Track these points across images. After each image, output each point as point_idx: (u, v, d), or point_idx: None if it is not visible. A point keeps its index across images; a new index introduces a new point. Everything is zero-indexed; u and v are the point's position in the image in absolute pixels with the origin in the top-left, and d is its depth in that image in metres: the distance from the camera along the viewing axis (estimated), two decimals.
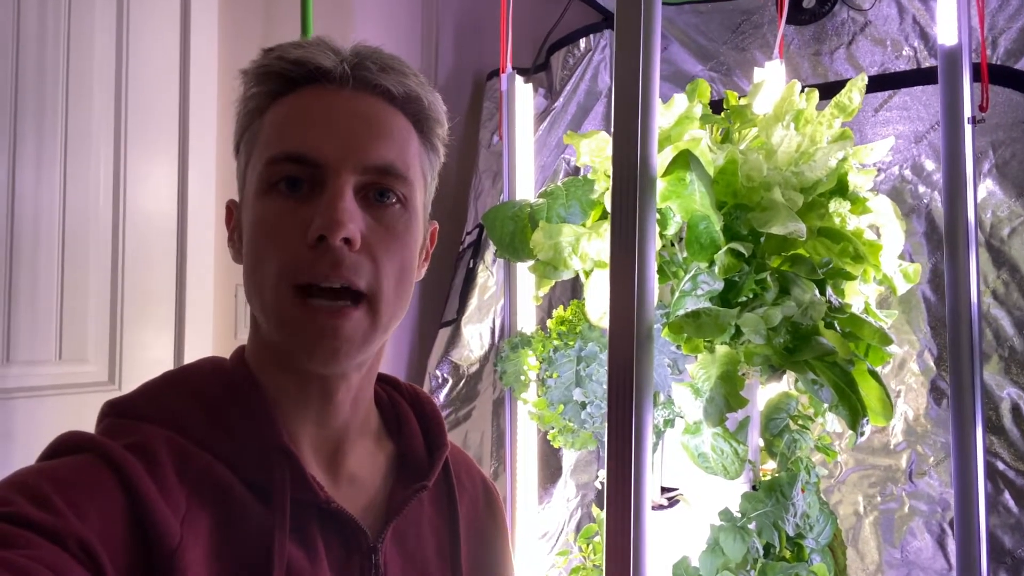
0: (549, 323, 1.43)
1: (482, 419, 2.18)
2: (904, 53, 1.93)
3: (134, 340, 1.53)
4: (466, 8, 2.40)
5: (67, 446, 0.61)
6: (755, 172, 1.19)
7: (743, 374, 1.19)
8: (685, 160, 1.13)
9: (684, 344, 1.20)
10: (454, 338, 2.19)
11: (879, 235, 1.34)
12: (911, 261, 1.66)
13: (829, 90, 1.39)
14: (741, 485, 1.28)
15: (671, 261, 1.24)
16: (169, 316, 1.60)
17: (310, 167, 0.65)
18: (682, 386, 1.19)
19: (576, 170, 2.14)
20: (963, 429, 1.18)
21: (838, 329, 1.21)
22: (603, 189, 1.35)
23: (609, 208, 1.06)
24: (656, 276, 1.06)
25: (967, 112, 1.20)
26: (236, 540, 0.62)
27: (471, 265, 2.21)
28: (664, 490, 1.35)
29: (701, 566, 1.21)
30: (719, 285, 1.14)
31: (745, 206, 1.20)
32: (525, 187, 1.67)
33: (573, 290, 2.13)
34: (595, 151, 1.34)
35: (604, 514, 1.02)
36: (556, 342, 1.38)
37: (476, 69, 2.38)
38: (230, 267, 1.70)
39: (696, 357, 1.21)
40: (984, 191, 1.76)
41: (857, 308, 1.30)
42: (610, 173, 1.04)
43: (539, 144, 2.16)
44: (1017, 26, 1.78)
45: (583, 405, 1.32)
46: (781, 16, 1.67)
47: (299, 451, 0.68)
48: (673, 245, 1.26)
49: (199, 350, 1.62)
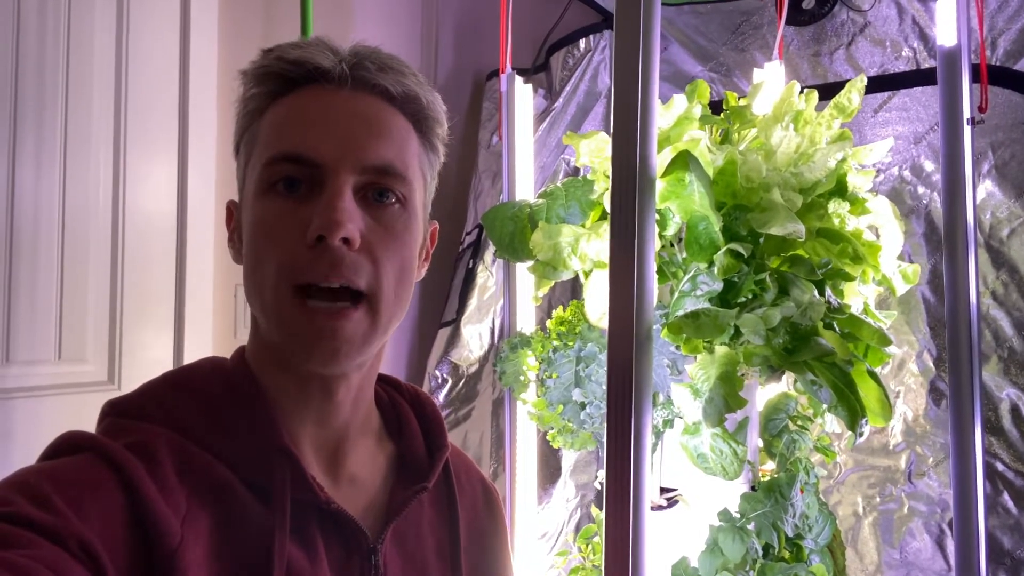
0: (548, 323, 1.43)
1: (481, 419, 2.18)
2: (903, 54, 1.93)
3: (133, 340, 1.53)
4: (466, 8, 2.40)
5: (68, 446, 0.61)
6: (754, 173, 1.19)
7: (742, 375, 1.19)
8: (684, 161, 1.13)
9: (683, 344, 1.20)
10: (453, 338, 2.19)
11: (878, 236, 1.34)
12: (910, 262, 1.66)
13: (828, 91, 1.39)
14: (740, 485, 1.28)
15: (670, 262, 1.24)
16: (168, 316, 1.60)
17: (309, 167, 0.65)
18: (681, 386, 1.19)
19: (576, 170, 2.14)
20: (962, 430, 1.18)
21: (837, 330, 1.21)
22: (602, 190, 1.35)
23: (608, 208, 1.06)
24: (655, 277, 1.06)
25: (966, 113, 1.20)
26: (236, 540, 0.62)
27: (471, 265, 2.21)
28: (663, 490, 1.35)
29: (700, 566, 1.21)
30: (718, 286, 1.14)
31: (744, 207, 1.20)
32: (525, 187, 1.67)
33: (572, 290, 2.13)
34: (594, 152, 1.34)
35: (603, 514, 1.02)
36: (555, 342, 1.38)
37: (476, 69, 2.38)
38: (229, 267, 1.70)
39: (695, 358, 1.22)
40: (983, 192, 1.77)
41: (856, 309, 1.30)
42: (609, 174, 1.05)
43: (539, 144, 2.16)
44: (1016, 27, 1.78)
45: (582, 405, 1.32)
46: (780, 17, 1.67)
47: (299, 451, 0.68)
48: (672, 246, 1.26)
49: (198, 350, 1.62)
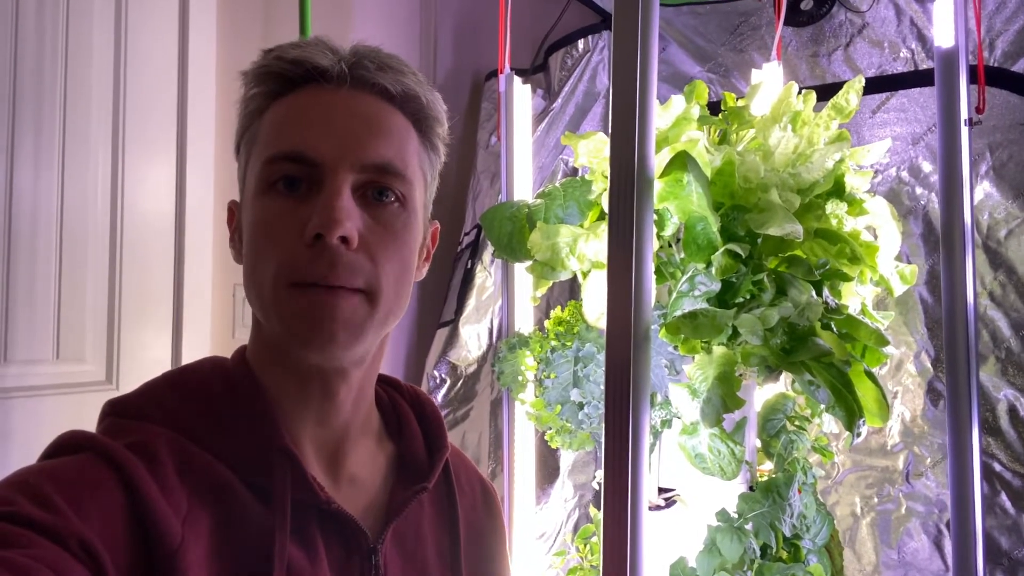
0: (547, 324, 1.43)
1: (480, 419, 2.18)
2: (902, 55, 1.93)
3: (132, 340, 1.54)
4: (465, 9, 2.40)
5: (68, 445, 0.61)
6: (752, 173, 1.19)
7: (740, 375, 1.19)
8: (682, 161, 1.13)
9: (681, 345, 1.20)
10: (452, 339, 2.19)
11: (876, 236, 1.34)
12: (908, 262, 1.66)
13: (827, 92, 1.39)
14: (738, 486, 1.28)
15: (668, 262, 1.24)
16: (167, 316, 1.60)
17: (308, 166, 0.65)
18: (679, 387, 1.19)
19: (574, 171, 2.14)
20: (959, 430, 1.19)
21: (835, 330, 1.21)
22: (601, 190, 1.35)
23: (607, 209, 1.06)
24: (653, 277, 1.06)
25: (964, 114, 1.20)
26: (237, 540, 0.62)
27: (469, 266, 2.21)
28: (661, 491, 1.35)
29: (698, 567, 1.21)
30: (716, 286, 1.15)
31: (742, 207, 1.20)
32: (523, 188, 1.67)
33: (571, 291, 2.13)
34: (593, 152, 1.34)
35: (601, 514, 1.02)
36: (554, 342, 1.38)
37: (474, 70, 2.38)
38: (228, 267, 1.70)
39: (693, 358, 1.22)
40: (981, 193, 1.77)
41: (854, 309, 1.30)
42: (608, 174, 1.05)
43: (537, 145, 2.16)
44: (1014, 28, 1.78)
45: (580, 405, 1.32)
46: (779, 18, 1.67)
47: (300, 451, 0.68)
48: (670, 246, 1.26)
49: (197, 350, 1.62)
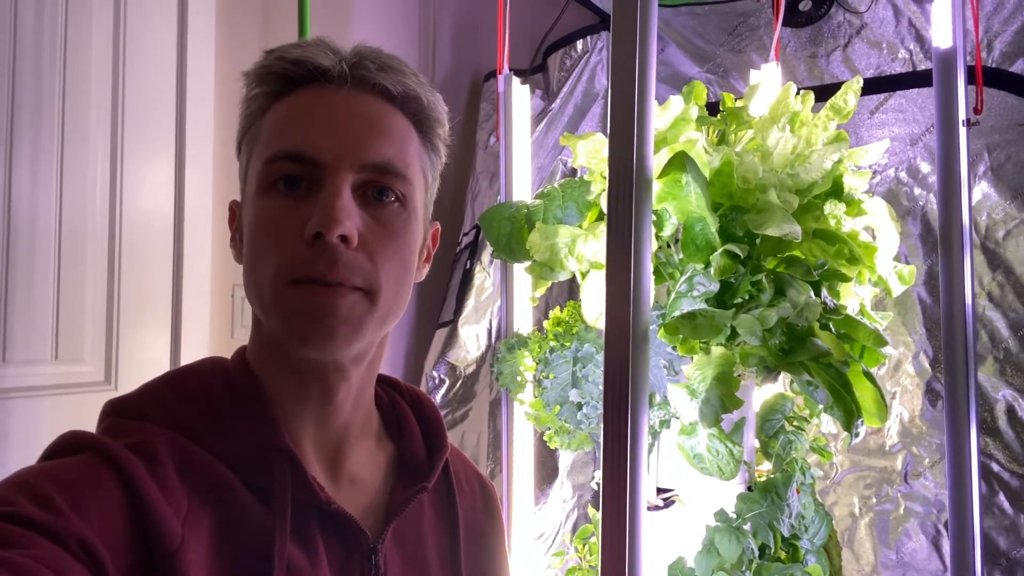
0: (546, 324, 1.43)
1: (479, 420, 2.18)
2: (900, 56, 1.93)
3: (130, 340, 1.54)
4: (463, 9, 2.40)
5: (68, 446, 0.61)
6: (751, 174, 1.20)
7: (738, 375, 1.19)
8: (681, 162, 1.13)
9: (680, 345, 1.20)
10: (451, 339, 2.19)
11: (874, 237, 1.35)
12: (907, 263, 1.66)
13: (825, 92, 1.39)
14: (736, 486, 1.28)
15: (667, 262, 1.24)
16: (166, 316, 1.60)
17: (308, 165, 0.65)
18: (678, 387, 1.19)
19: (573, 171, 2.14)
20: (957, 431, 1.19)
21: (833, 330, 1.21)
22: (599, 190, 1.35)
23: (605, 209, 1.06)
24: (652, 277, 1.06)
25: (962, 114, 1.20)
26: (237, 540, 0.62)
27: (468, 266, 2.21)
28: (660, 491, 1.35)
29: (696, 567, 1.21)
30: (715, 286, 1.15)
31: (741, 208, 1.20)
32: (522, 188, 1.67)
33: (570, 291, 2.13)
34: (591, 152, 1.34)
35: (600, 515, 1.02)
36: (552, 343, 1.38)
37: (473, 70, 2.38)
38: (227, 268, 1.70)
39: (692, 358, 1.22)
40: (979, 193, 1.77)
41: (852, 310, 1.30)
42: (606, 174, 1.05)
43: (536, 145, 2.16)
44: (1012, 29, 1.78)
45: (579, 406, 1.32)
46: (777, 18, 1.67)
47: (300, 451, 0.68)
48: (669, 246, 1.26)
49: (195, 350, 1.62)
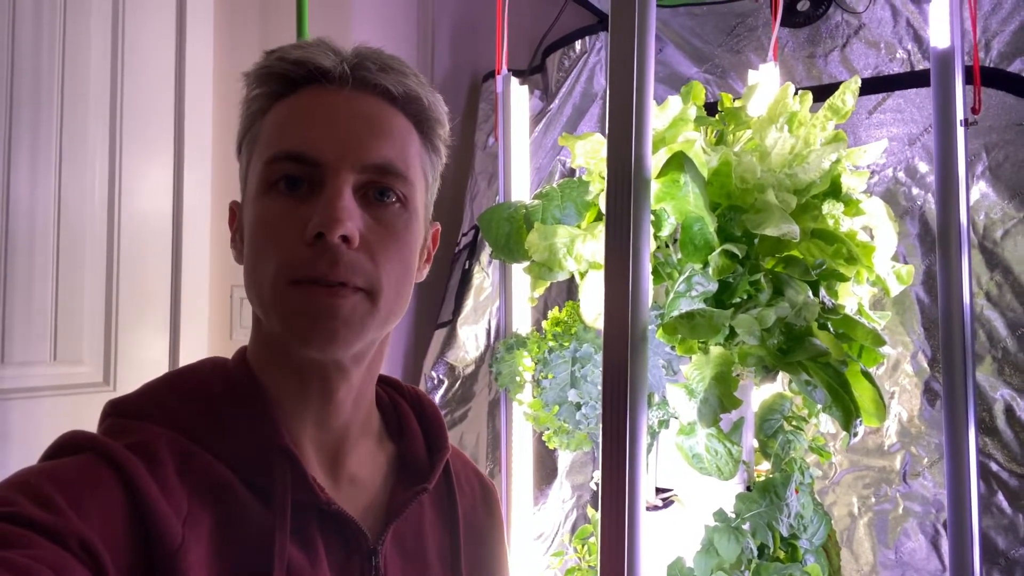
0: (544, 324, 1.43)
1: (478, 420, 2.18)
2: (898, 56, 1.94)
3: (129, 341, 1.53)
4: (462, 10, 2.40)
5: (69, 446, 0.61)
6: (749, 174, 1.20)
7: (737, 375, 1.19)
8: (679, 162, 1.13)
9: (678, 345, 1.20)
10: (450, 339, 2.19)
11: (872, 237, 1.35)
12: (905, 263, 1.66)
13: (823, 92, 1.39)
14: (735, 486, 1.28)
15: (665, 262, 1.24)
16: (164, 317, 1.60)
17: (309, 166, 0.65)
18: (676, 387, 1.19)
19: (572, 172, 2.14)
20: (955, 430, 1.19)
21: (831, 330, 1.22)
22: (598, 190, 1.35)
23: (604, 209, 1.06)
24: (650, 277, 1.06)
25: (959, 114, 1.21)
26: (237, 541, 0.62)
27: (467, 266, 2.21)
28: (659, 491, 1.35)
29: (695, 567, 1.21)
30: (713, 286, 1.15)
31: (739, 207, 1.20)
32: (521, 189, 1.67)
33: (568, 291, 2.13)
34: (590, 153, 1.34)
35: (599, 515, 1.02)
36: (551, 343, 1.38)
37: (472, 71, 2.38)
38: (225, 268, 1.70)
39: (690, 358, 1.22)
40: (977, 193, 1.77)
41: (850, 309, 1.30)
42: (605, 175, 1.05)
43: (535, 146, 2.16)
44: (1010, 29, 1.78)
45: (578, 406, 1.32)
46: (775, 19, 1.68)
47: (300, 452, 0.68)
48: (667, 246, 1.26)
49: (194, 351, 1.62)
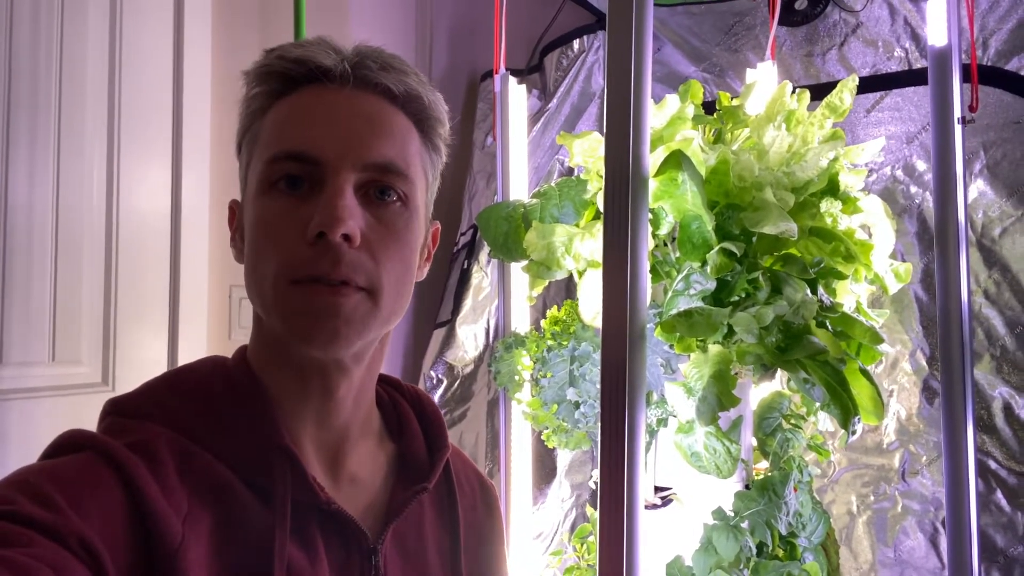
0: (543, 323, 1.43)
1: (477, 420, 2.18)
2: (896, 54, 1.94)
3: (128, 341, 1.53)
4: (460, 9, 2.40)
5: (68, 445, 0.61)
6: (747, 172, 1.20)
7: (735, 373, 1.19)
8: (677, 160, 1.13)
9: (677, 343, 1.20)
10: (449, 339, 2.19)
11: (870, 235, 1.35)
12: (903, 261, 1.66)
13: (821, 91, 1.39)
14: (734, 484, 1.28)
15: (664, 261, 1.25)
16: (163, 317, 1.60)
17: (310, 165, 0.65)
18: (675, 385, 1.19)
19: (570, 171, 2.14)
20: (954, 428, 1.19)
21: (829, 328, 1.22)
22: (596, 189, 1.35)
23: (602, 208, 1.06)
24: (649, 276, 1.07)
25: (957, 112, 1.21)
26: (237, 540, 0.62)
27: (465, 266, 2.22)
28: (657, 489, 1.35)
29: (694, 565, 1.21)
30: (711, 285, 1.15)
31: (737, 206, 1.20)
32: (519, 188, 1.67)
33: (567, 290, 2.13)
34: (588, 151, 1.34)
35: (598, 514, 1.02)
36: (550, 342, 1.38)
37: (470, 70, 2.38)
38: (224, 268, 1.70)
39: (689, 356, 1.22)
40: (975, 191, 1.77)
41: (848, 307, 1.30)
42: (603, 173, 1.05)
43: (533, 145, 2.16)
44: (1007, 27, 1.79)
45: (577, 405, 1.32)
46: (773, 18, 1.68)
47: (300, 451, 0.68)
48: (666, 245, 1.26)
49: (193, 351, 1.62)
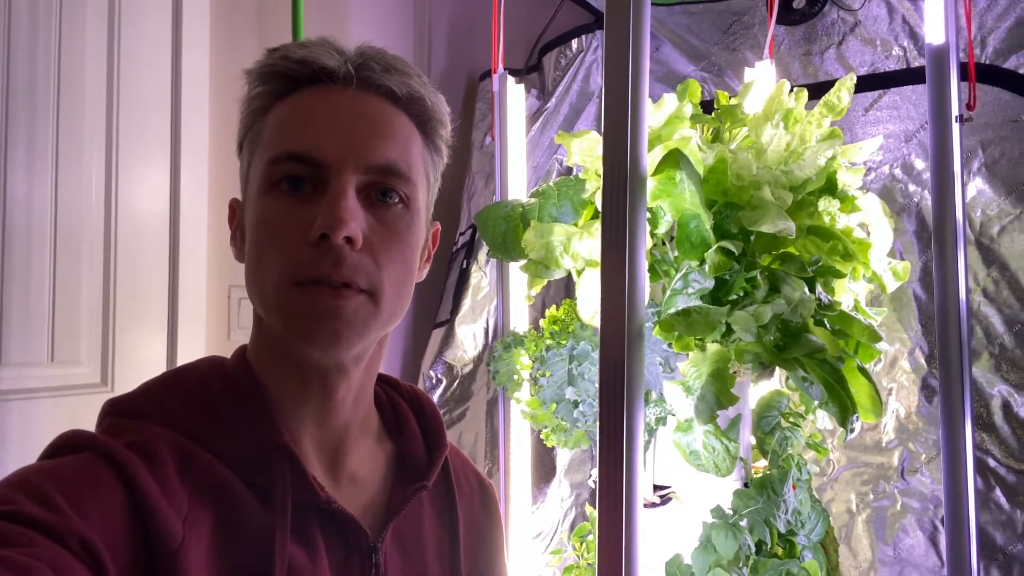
0: (542, 322, 1.44)
1: (476, 419, 2.18)
2: (894, 53, 1.94)
3: (127, 342, 1.53)
4: (458, 9, 2.40)
5: (68, 445, 0.61)
6: (745, 171, 1.20)
7: (734, 372, 1.19)
8: (675, 159, 1.13)
9: (675, 342, 1.20)
10: (448, 339, 2.19)
11: (868, 233, 1.35)
12: (901, 259, 1.67)
13: (819, 90, 1.39)
14: (733, 482, 1.28)
15: (662, 260, 1.25)
16: (162, 318, 1.60)
17: (312, 166, 0.65)
18: (673, 384, 1.19)
19: (568, 170, 2.14)
20: (952, 426, 1.19)
21: (828, 327, 1.22)
22: (594, 188, 1.35)
23: (600, 207, 1.06)
24: (647, 275, 1.07)
25: (954, 111, 1.21)
26: (237, 540, 0.62)
27: (464, 266, 2.22)
28: (656, 488, 1.35)
29: (693, 563, 1.22)
30: (710, 283, 1.15)
31: (735, 204, 1.20)
32: (517, 187, 1.67)
33: (566, 289, 2.13)
34: (586, 151, 1.35)
35: (597, 513, 1.03)
36: (549, 341, 1.39)
37: (468, 70, 2.38)
38: (223, 268, 1.70)
39: (687, 355, 1.22)
40: (974, 189, 1.78)
41: (847, 306, 1.30)
42: (601, 172, 1.05)
43: (532, 144, 2.16)
44: (1005, 25, 1.79)
45: (576, 404, 1.32)
46: (771, 17, 1.68)
47: (300, 450, 0.68)
48: (664, 244, 1.26)
49: (192, 351, 1.62)
